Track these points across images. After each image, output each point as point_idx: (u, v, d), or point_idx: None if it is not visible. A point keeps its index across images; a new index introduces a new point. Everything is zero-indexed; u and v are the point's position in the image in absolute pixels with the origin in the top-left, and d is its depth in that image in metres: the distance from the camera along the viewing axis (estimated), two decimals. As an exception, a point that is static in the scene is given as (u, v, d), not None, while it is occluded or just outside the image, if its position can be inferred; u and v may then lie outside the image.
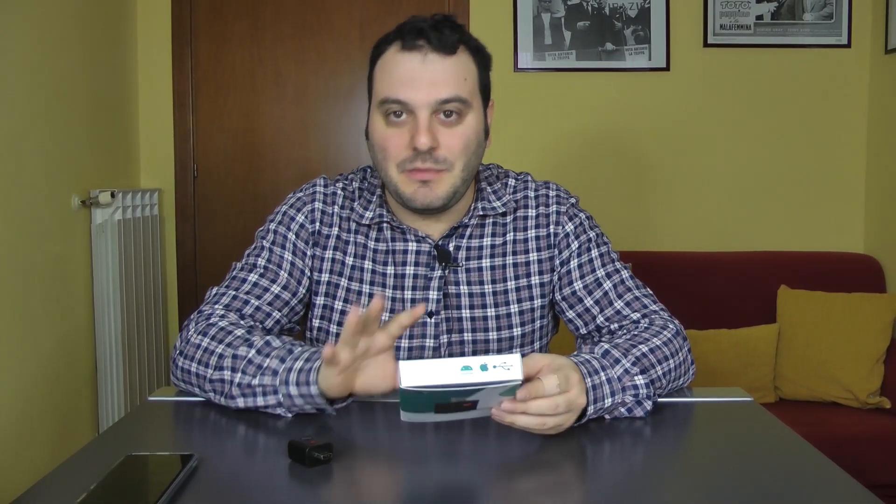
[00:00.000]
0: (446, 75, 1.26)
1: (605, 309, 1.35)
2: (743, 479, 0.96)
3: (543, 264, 1.39)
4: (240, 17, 3.31)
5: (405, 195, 1.29)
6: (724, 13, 3.24)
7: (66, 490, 0.89)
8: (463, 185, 1.31)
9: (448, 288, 1.36)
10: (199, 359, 1.21)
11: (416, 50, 1.26)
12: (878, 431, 2.56)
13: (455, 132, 1.28)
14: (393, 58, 1.28)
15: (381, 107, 1.28)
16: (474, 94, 1.30)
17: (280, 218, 1.39)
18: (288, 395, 1.13)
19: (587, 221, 1.42)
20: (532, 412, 1.02)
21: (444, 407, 1.00)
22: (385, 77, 1.28)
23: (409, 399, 0.97)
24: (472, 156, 1.30)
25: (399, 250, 1.37)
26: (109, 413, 2.78)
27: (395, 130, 1.28)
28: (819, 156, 3.30)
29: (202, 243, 3.36)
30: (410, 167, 1.27)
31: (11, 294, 2.28)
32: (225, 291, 1.32)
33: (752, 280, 3.06)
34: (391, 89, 1.26)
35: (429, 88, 1.25)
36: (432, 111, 1.26)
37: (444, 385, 0.94)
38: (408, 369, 0.95)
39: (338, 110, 3.34)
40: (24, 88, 2.38)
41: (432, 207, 1.30)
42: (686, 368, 1.28)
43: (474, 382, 0.94)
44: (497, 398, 1.00)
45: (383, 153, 1.29)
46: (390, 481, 0.99)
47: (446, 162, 1.27)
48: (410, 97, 1.25)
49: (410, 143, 1.26)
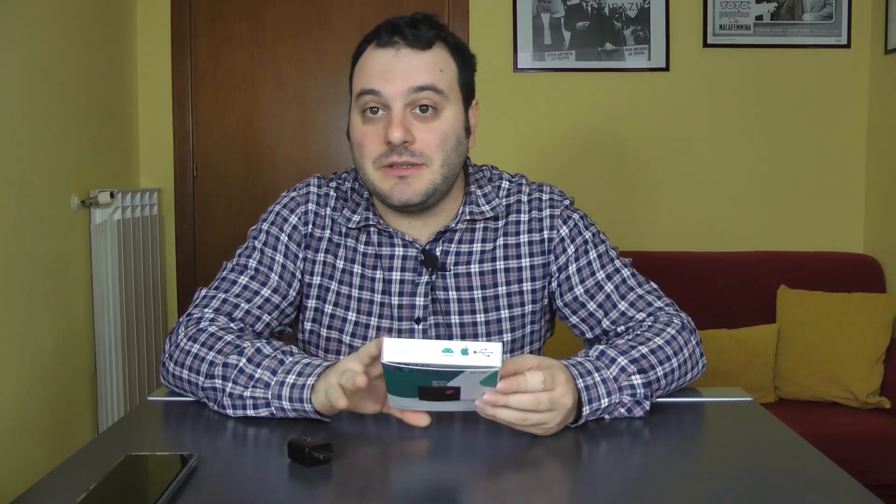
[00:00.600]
0: (420, 66, 1.26)
1: (610, 312, 1.33)
2: (743, 479, 0.96)
3: (536, 270, 1.37)
4: (240, 17, 3.31)
5: (383, 192, 1.28)
6: (723, 13, 3.24)
7: (66, 490, 0.89)
8: (443, 183, 1.29)
9: (436, 293, 1.34)
10: (189, 365, 1.21)
11: (391, 45, 1.26)
12: (878, 431, 2.56)
13: (431, 127, 1.26)
14: (369, 55, 1.29)
15: (357, 101, 1.28)
16: (452, 88, 1.29)
17: (273, 218, 1.38)
18: (281, 409, 1.13)
19: (581, 222, 1.39)
20: (513, 406, 1.03)
21: (427, 392, 1.01)
22: (360, 72, 1.29)
23: (392, 378, 0.99)
24: (451, 152, 1.28)
25: (386, 255, 1.35)
26: (109, 413, 2.78)
27: (371, 127, 1.27)
28: (819, 156, 3.30)
29: (202, 243, 3.36)
30: (386, 162, 1.26)
31: (11, 294, 2.28)
32: (215, 294, 1.31)
33: (752, 280, 3.06)
34: (365, 81, 1.27)
35: (402, 78, 1.24)
36: (406, 103, 1.25)
37: (424, 364, 0.95)
38: (390, 346, 0.97)
39: (338, 110, 3.34)
40: (23, 88, 2.37)
41: (410, 204, 1.28)
42: (693, 364, 1.27)
43: (454, 365, 0.95)
44: (479, 388, 1.01)
45: (360, 150, 1.29)
46: (390, 481, 0.99)
47: (423, 156, 1.26)
48: (383, 87, 1.25)
49: (385, 138, 1.25)
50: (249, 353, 1.17)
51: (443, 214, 1.35)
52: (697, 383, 1.32)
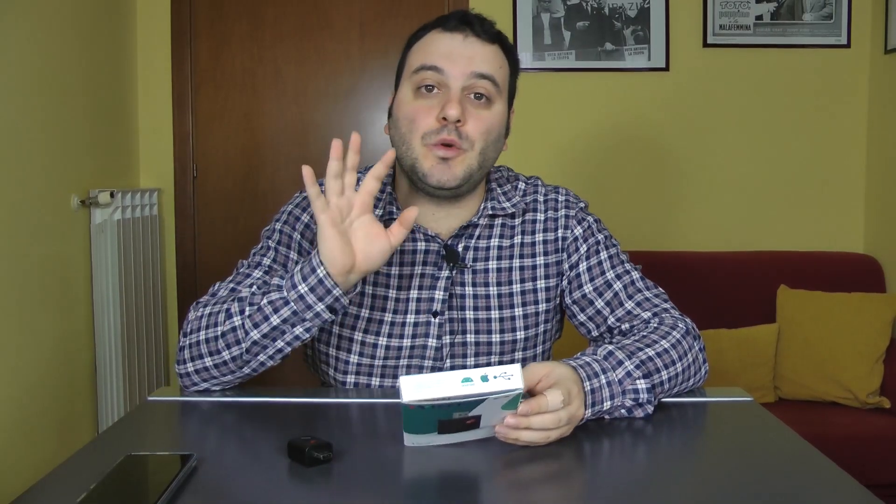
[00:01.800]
0: (485, 55, 1.29)
1: (616, 310, 1.34)
2: (743, 479, 0.96)
3: (550, 268, 1.39)
4: (240, 17, 3.31)
5: (422, 169, 1.28)
6: (723, 13, 3.24)
7: (66, 490, 0.89)
8: (479, 171, 1.30)
9: (454, 288, 1.36)
10: (205, 325, 1.22)
11: (459, 31, 1.29)
12: (878, 431, 2.56)
13: (482, 115, 1.28)
14: (434, 37, 1.31)
15: (413, 77, 1.29)
16: (504, 86, 1.33)
17: (286, 218, 1.39)
18: (299, 297, 1.14)
19: (595, 225, 1.42)
20: (536, 427, 1.02)
21: (446, 425, 0.99)
22: (422, 50, 1.31)
23: (412, 417, 0.97)
24: (491, 144, 1.30)
25: (407, 250, 1.36)
26: (109, 413, 2.78)
27: (425, 103, 1.28)
28: (819, 156, 3.31)
29: (201, 243, 3.36)
30: (436, 139, 1.26)
31: (11, 294, 2.28)
32: (227, 285, 1.32)
33: (752, 280, 3.06)
34: (428, 58, 1.28)
35: (467, 62, 1.27)
36: (465, 87, 1.27)
37: (446, 398, 0.94)
38: (408, 384, 0.94)
39: (338, 110, 3.34)
40: (23, 88, 2.37)
41: (446, 187, 1.29)
42: (696, 369, 1.27)
43: (476, 393, 0.94)
44: (499, 412, 1.00)
45: (410, 125, 1.29)
46: (390, 481, 0.99)
47: (468, 140, 1.27)
48: (447, 66, 1.27)
49: (439, 116, 1.26)
50: (264, 290, 1.20)
51: (465, 209, 1.37)
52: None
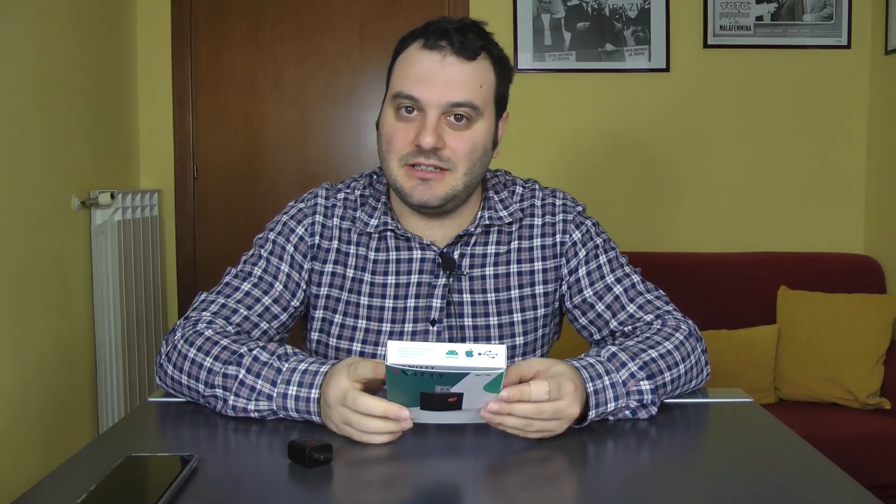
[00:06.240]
0: (463, 79, 1.26)
1: (618, 313, 1.34)
2: (743, 479, 0.96)
3: (548, 273, 1.39)
4: (240, 18, 3.31)
5: (404, 189, 1.29)
6: (723, 14, 3.24)
7: (66, 491, 0.89)
8: (464, 191, 1.30)
9: (451, 296, 1.35)
10: (188, 371, 1.20)
11: (437, 50, 1.26)
12: (878, 432, 2.56)
13: (462, 136, 1.28)
14: (413, 54, 1.28)
15: (393, 100, 1.29)
16: (487, 103, 1.30)
17: (280, 228, 1.38)
18: (288, 416, 1.14)
19: (594, 228, 1.41)
20: (517, 414, 1.03)
21: (429, 400, 1.01)
22: (402, 72, 1.29)
23: (394, 382, 0.99)
24: (476, 162, 1.30)
25: (403, 259, 1.36)
26: (109, 414, 2.78)
27: (403, 125, 1.28)
28: (819, 156, 3.30)
29: (202, 244, 3.36)
30: (412, 161, 1.27)
31: (11, 295, 2.28)
32: (215, 298, 1.31)
33: (753, 280, 3.06)
34: (406, 84, 1.27)
35: (442, 89, 1.25)
36: (442, 112, 1.26)
37: (429, 366, 0.95)
38: (395, 348, 0.96)
39: (338, 111, 3.34)
40: (23, 89, 2.37)
41: (428, 206, 1.29)
42: (699, 371, 1.27)
43: (458, 367, 0.95)
44: (482, 394, 1.01)
45: (388, 145, 1.30)
46: (390, 482, 0.99)
47: (450, 162, 1.27)
48: (423, 95, 1.25)
49: (415, 140, 1.26)
50: (248, 363, 1.16)
51: (460, 218, 1.37)
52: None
